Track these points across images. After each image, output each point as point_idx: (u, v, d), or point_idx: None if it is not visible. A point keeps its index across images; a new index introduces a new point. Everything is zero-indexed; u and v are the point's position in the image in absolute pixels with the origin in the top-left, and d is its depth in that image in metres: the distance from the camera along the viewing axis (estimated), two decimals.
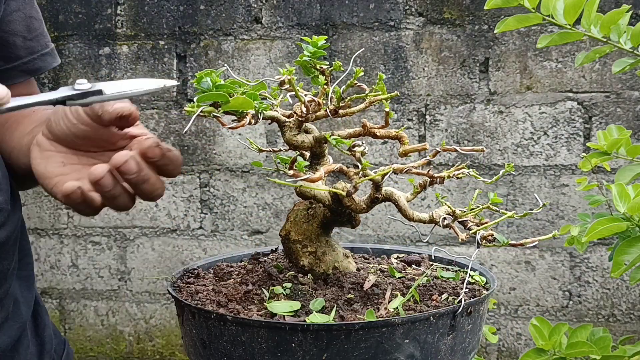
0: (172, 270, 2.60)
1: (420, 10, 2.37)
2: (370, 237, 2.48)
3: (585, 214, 1.40)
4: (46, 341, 1.03)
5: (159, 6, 2.50)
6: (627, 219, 1.14)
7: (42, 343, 1.02)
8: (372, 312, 0.73)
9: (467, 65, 2.36)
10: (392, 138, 0.79)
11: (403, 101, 2.41)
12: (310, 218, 0.85)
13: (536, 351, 1.33)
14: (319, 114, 0.79)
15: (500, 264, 2.44)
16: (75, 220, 2.63)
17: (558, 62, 2.32)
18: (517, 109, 2.35)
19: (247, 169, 2.52)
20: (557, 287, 2.40)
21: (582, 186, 1.35)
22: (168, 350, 2.64)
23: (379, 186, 0.77)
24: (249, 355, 0.71)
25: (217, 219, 2.56)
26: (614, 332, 2.36)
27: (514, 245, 0.74)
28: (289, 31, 2.44)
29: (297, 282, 0.82)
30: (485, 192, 0.82)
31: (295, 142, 0.80)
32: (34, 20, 0.99)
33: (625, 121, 2.29)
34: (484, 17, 2.33)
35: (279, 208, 2.52)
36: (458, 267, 0.92)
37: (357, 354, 0.69)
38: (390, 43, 2.39)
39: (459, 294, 0.78)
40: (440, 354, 0.73)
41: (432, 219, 0.77)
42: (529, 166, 2.36)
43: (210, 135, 2.53)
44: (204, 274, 0.90)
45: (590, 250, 2.37)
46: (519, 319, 2.45)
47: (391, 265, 0.90)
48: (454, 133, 2.39)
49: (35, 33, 0.99)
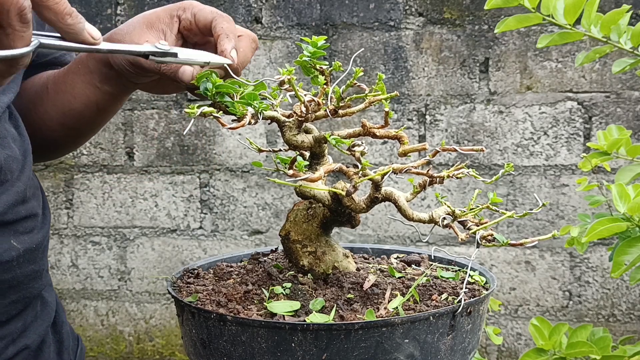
0: (172, 270, 2.60)
1: (420, 10, 2.37)
2: (370, 237, 2.49)
3: (585, 214, 1.40)
4: (64, 338, 1.07)
5: (158, 6, 2.50)
6: (627, 219, 1.14)
7: (61, 340, 1.06)
8: (371, 312, 0.74)
9: (467, 65, 2.36)
10: (392, 138, 0.79)
11: (403, 101, 2.41)
12: (310, 218, 0.85)
13: (536, 351, 1.33)
14: (318, 114, 0.80)
15: (500, 264, 2.44)
16: (75, 220, 2.63)
17: (558, 62, 2.32)
18: (517, 109, 2.35)
19: (247, 169, 2.52)
20: (557, 287, 2.40)
21: (582, 186, 1.35)
22: (168, 350, 2.64)
23: (379, 186, 0.77)
24: (248, 355, 0.71)
25: (217, 219, 2.57)
26: (614, 332, 2.36)
27: (513, 245, 0.74)
28: (288, 31, 2.44)
29: (297, 282, 0.82)
30: (485, 192, 0.82)
31: (295, 142, 0.80)
32: None
33: (625, 121, 2.29)
34: (484, 17, 2.33)
35: (278, 208, 2.52)
36: (458, 267, 0.92)
37: (357, 354, 0.69)
38: (390, 43, 2.39)
39: (459, 293, 0.78)
40: (440, 353, 0.73)
41: (431, 219, 0.76)
42: (529, 166, 2.36)
43: (210, 135, 2.53)
44: (204, 274, 0.90)
45: (590, 250, 2.37)
46: (519, 319, 2.45)
47: (391, 265, 0.90)
48: (454, 133, 2.39)
49: None
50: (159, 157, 2.58)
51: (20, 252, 0.90)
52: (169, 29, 0.90)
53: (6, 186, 0.88)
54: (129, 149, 2.58)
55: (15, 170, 0.91)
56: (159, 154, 2.58)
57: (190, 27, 0.90)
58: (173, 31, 0.90)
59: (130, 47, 0.81)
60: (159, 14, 0.91)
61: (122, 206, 2.62)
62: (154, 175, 2.60)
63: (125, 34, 0.89)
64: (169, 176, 2.58)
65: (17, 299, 0.92)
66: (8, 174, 0.89)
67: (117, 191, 2.62)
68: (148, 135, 2.57)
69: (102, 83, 0.96)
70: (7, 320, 0.92)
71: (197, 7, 0.90)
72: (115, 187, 2.62)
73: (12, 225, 0.90)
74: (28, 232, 0.92)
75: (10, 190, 0.89)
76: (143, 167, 2.60)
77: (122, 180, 2.61)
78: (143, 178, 2.60)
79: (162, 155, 2.58)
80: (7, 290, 0.89)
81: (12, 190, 0.89)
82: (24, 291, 0.93)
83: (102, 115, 1.04)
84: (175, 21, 0.90)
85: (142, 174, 2.60)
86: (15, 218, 0.90)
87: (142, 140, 2.58)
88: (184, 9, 0.90)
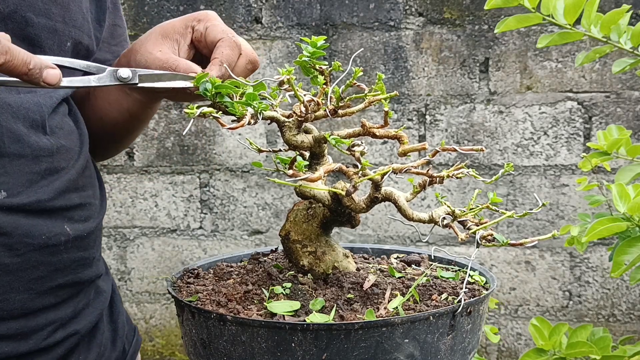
0: (172, 270, 2.60)
1: (420, 10, 2.37)
2: (370, 237, 2.49)
3: (585, 214, 1.40)
4: (119, 327, 1.11)
5: (159, 6, 2.50)
6: (627, 219, 1.14)
7: (115, 329, 1.11)
8: (371, 312, 0.73)
9: (467, 65, 2.36)
10: (392, 138, 0.79)
11: (403, 101, 2.41)
12: (310, 218, 0.85)
13: (536, 351, 1.33)
14: (318, 114, 0.79)
15: (500, 264, 2.44)
16: None
17: (558, 62, 2.32)
18: (517, 109, 2.35)
19: (247, 169, 2.52)
20: (557, 287, 2.40)
21: (582, 186, 1.35)
22: (168, 350, 2.65)
23: (379, 186, 0.77)
24: (248, 355, 0.71)
25: (217, 219, 2.57)
26: (614, 332, 2.36)
27: (513, 245, 0.74)
28: (288, 31, 2.44)
29: (297, 282, 0.82)
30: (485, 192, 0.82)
31: (294, 142, 0.80)
32: (118, 27, 1.13)
33: (625, 121, 2.29)
34: (484, 17, 2.33)
35: (278, 208, 2.52)
36: (458, 267, 0.92)
37: (357, 354, 0.69)
38: (390, 43, 2.39)
39: (459, 293, 0.78)
40: (440, 353, 0.73)
41: (431, 219, 0.76)
42: (529, 166, 2.36)
43: (210, 135, 2.53)
44: (204, 274, 0.90)
45: (590, 250, 2.37)
46: (519, 319, 2.45)
47: (391, 265, 0.90)
48: (454, 133, 2.39)
49: (119, 39, 1.13)
50: (159, 157, 2.58)
51: (70, 238, 0.94)
52: (182, 38, 0.94)
53: (60, 174, 0.94)
54: (129, 148, 2.58)
55: (70, 159, 0.96)
56: (159, 154, 2.58)
57: (200, 40, 0.93)
58: (186, 41, 0.94)
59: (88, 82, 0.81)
60: (175, 24, 0.95)
61: (122, 206, 2.62)
62: (154, 175, 2.60)
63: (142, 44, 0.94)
64: (169, 176, 2.58)
65: (65, 284, 0.95)
66: (62, 161, 0.94)
67: (117, 191, 2.62)
68: (148, 135, 2.57)
69: (131, 90, 1.01)
70: (56, 305, 0.95)
71: (211, 22, 0.93)
72: (115, 187, 2.62)
73: (65, 212, 0.94)
74: (83, 221, 0.97)
75: (62, 178, 0.94)
76: (143, 167, 2.60)
77: (122, 180, 2.61)
78: (143, 178, 2.60)
79: (162, 155, 2.58)
80: (54, 273, 0.93)
81: (64, 177, 0.94)
82: (71, 276, 0.96)
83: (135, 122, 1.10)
84: (189, 32, 0.94)
85: (142, 174, 2.60)
86: (67, 205, 0.95)
87: (142, 140, 2.58)
88: (199, 20, 0.94)
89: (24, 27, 0.90)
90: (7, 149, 0.87)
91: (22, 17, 0.90)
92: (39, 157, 0.91)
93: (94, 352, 1.04)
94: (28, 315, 0.91)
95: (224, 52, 0.89)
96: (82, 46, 1.00)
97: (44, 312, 0.93)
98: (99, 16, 1.06)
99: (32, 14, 0.91)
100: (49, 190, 0.92)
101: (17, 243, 0.88)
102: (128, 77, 0.82)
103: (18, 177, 0.88)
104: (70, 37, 0.97)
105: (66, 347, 0.98)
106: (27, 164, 0.89)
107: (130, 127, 1.11)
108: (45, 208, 0.91)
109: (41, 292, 0.92)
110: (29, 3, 0.90)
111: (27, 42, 0.90)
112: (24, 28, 0.90)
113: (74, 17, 0.97)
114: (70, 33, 0.96)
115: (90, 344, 1.04)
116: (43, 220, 0.91)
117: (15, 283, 0.89)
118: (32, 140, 0.90)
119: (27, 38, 0.91)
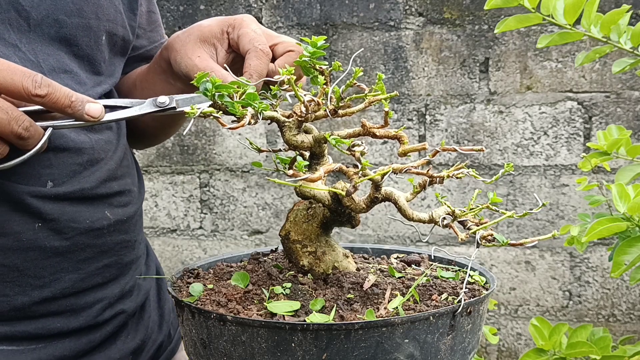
0: (172, 270, 2.60)
1: (420, 10, 2.37)
2: (370, 237, 2.49)
3: (585, 214, 1.40)
4: (166, 312, 1.19)
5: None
6: (627, 219, 1.14)
7: (162, 314, 1.18)
8: (371, 312, 0.73)
9: (467, 65, 2.36)
10: (392, 138, 0.79)
11: (403, 101, 2.41)
12: (310, 218, 0.85)
13: (536, 351, 1.33)
14: (318, 114, 0.79)
15: (500, 264, 2.44)
16: None
17: (558, 62, 2.32)
18: (517, 109, 2.35)
19: (247, 169, 2.52)
20: (557, 287, 2.40)
21: (582, 186, 1.35)
22: None
23: (379, 186, 0.77)
24: (248, 355, 0.71)
25: (217, 219, 2.57)
26: (614, 332, 2.37)
27: (513, 245, 0.74)
28: (289, 31, 2.44)
29: (297, 282, 0.82)
30: (485, 192, 0.82)
31: (294, 142, 0.80)
32: (153, 14, 1.17)
33: (625, 121, 2.29)
34: (484, 17, 2.33)
35: (278, 208, 2.52)
36: (458, 267, 0.92)
37: (357, 354, 0.69)
38: (390, 43, 2.39)
39: (459, 293, 0.78)
40: (440, 353, 0.73)
41: (431, 219, 0.76)
42: (529, 166, 2.36)
43: (210, 135, 2.53)
44: (204, 274, 0.90)
45: (590, 250, 2.37)
46: (519, 319, 2.45)
47: (391, 265, 0.90)
48: (454, 133, 2.39)
49: (154, 25, 1.17)
50: (158, 157, 2.58)
51: (112, 222, 1.00)
52: (220, 43, 0.97)
53: (100, 165, 1.00)
54: None
55: (109, 151, 1.02)
56: (159, 154, 2.58)
57: (235, 47, 0.96)
58: (224, 46, 0.97)
59: (130, 113, 0.88)
60: (212, 28, 0.97)
61: None
62: (154, 175, 2.60)
63: (181, 46, 0.97)
64: (169, 176, 2.58)
65: (110, 264, 1.02)
66: (102, 153, 1.00)
67: None
68: None
69: (174, 80, 1.04)
70: (103, 284, 1.02)
71: (244, 30, 0.95)
72: None
73: (106, 199, 1.01)
74: (122, 206, 1.04)
75: (103, 168, 1.00)
76: (143, 167, 2.60)
77: None
78: (143, 178, 2.60)
79: (162, 155, 2.58)
80: (100, 255, 1.00)
81: (104, 168, 1.00)
82: (115, 257, 1.03)
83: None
84: (225, 37, 0.97)
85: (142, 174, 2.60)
86: (108, 192, 1.01)
87: None
88: (233, 27, 0.97)
89: (59, 29, 0.93)
90: (51, 144, 0.92)
91: (55, 20, 0.93)
92: (80, 150, 0.96)
93: (142, 333, 1.10)
94: (78, 293, 0.98)
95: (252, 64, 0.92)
96: (117, 37, 1.03)
97: (92, 291, 1.00)
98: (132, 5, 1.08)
99: (65, 16, 0.94)
100: (91, 180, 0.98)
101: (65, 227, 0.94)
102: (165, 103, 0.88)
103: (62, 169, 0.94)
104: (105, 30, 1.00)
105: (115, 325, 1.04)
106: (70, 156, 0.95)
107: (175, 116, 1.14)
108: (88, 196, 0.97)
109: (89, 272, 0.99)
110: (61, 6, 0.93)
111: (63, 43, 0.94)
112: (59, 30, 0.94)
113: (106, 11, 1.00)
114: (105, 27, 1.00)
115: (138, 324, 1.10)
116: (86, 206, 0.97)
117: (65, 264, 0.96)
118: (73, 136, 0.95)
119: (63, 39, 0.94)
